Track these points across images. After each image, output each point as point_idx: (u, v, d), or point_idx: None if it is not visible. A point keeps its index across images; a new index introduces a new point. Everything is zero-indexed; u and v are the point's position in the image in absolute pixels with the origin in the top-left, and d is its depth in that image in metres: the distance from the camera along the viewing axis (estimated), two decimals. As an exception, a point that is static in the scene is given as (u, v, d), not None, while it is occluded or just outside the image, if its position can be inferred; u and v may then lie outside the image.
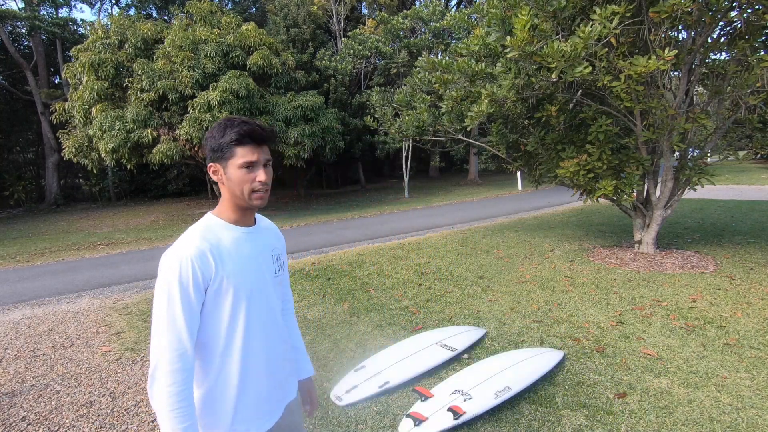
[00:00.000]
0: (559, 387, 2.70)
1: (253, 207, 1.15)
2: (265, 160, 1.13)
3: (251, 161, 1.09)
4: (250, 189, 1.11)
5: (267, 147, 1.14)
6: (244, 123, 1.10)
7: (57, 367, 3.51)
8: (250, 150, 1.09)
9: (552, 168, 5.46)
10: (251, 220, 1.22)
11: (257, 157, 1.10)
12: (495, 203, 13.10)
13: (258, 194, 1.12)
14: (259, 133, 1.10)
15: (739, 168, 17.57)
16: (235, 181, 1.11)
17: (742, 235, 6.44)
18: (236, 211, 1.17)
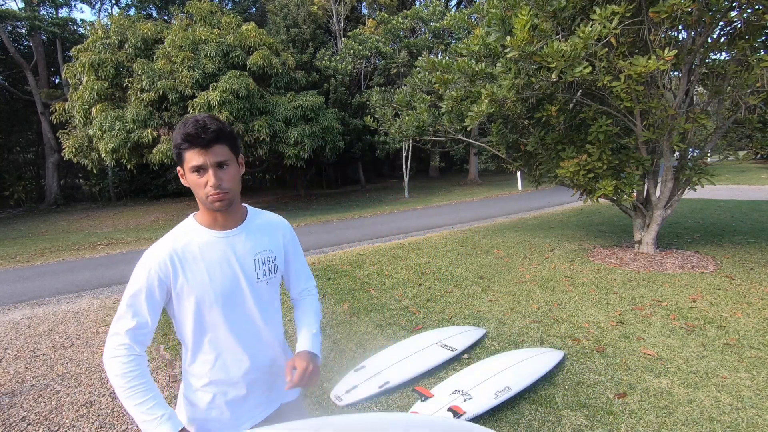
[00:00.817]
0: (559, 387, 2.70)
1: (217, 209, 1.10)
2: (215, 162, 1.05)
3: (197, 165, 1.04)
4: (204, 193, 1.07)
5: (219, 148, 1.05)
6: (190, 124, 1.03)
7: (57, 367, 3.51)
8: (197, 153, 1.04)
9: (552, 168, 5.46)
10: (230, 222, 1.17)
11: (203, 160, 1.04)
12: (495, 203, 13.10)
13: (213, 197, 1.06)
14: (196, 137, 1.02)
15: (739, 168, 17.57)
16: (192, 186, 1.09)
17: (742, 235, 6.44)
18: (208, 214, 1.16)
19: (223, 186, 1.06)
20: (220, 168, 1.06)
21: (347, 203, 16.21)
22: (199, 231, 1.16)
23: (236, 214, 1.19)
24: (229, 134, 1.08)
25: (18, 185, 19.99)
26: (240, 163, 1.15)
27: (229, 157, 1.08)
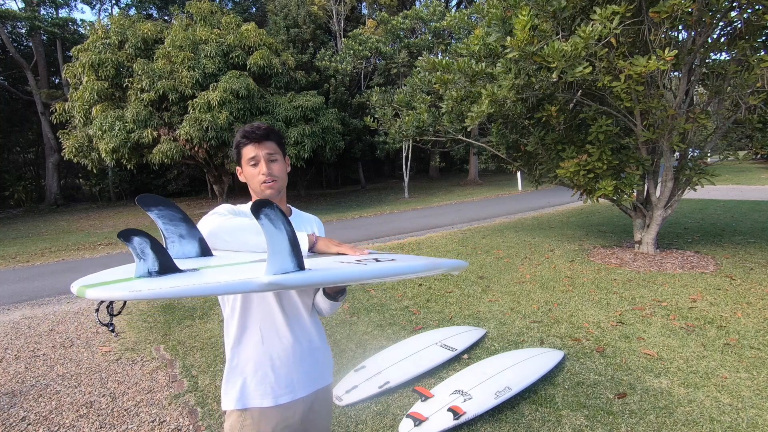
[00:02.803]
0: (559, 387, 2.70)
1: (267, 197, 1.24)
2: (266, 155, 1.25)
3: (252, 156, 1.25)
4: (258, 181, 1.25)
5: (269, 144, 1.26)
6: (247, 126, 1.27)
7: (57, 367, 3.51)
8: (252, 147, 1.25)
9: (552, 168, 5.47)
10: None
11: (257, 152, 1.24)
12: (495, 203, 13.10)
13: (266, 184, 1.25)
14: (251, 133, 1.24)
15: (739, 168, 17.57)
16: (248, 177, 1.28)
17: (742, 235, 6.44)
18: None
19: (273, 174, 1.25)
20: (271, 160, 1.26)
21: (347, 203, 16.21)
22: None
23: (285, 207, 1.33)
24: (277, 134, 1.30)
25: (18, 185, 20.00)
26: (287, 163, 1.33)
27: (278, 152, 1.28)
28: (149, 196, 1.04)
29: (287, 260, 0.80)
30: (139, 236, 0.82)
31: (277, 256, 0.79)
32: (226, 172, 13.68)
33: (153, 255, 0.82)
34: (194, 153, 12.13)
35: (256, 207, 0.77)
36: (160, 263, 0.83)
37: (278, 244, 0.80)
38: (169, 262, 0.85)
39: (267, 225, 0.79)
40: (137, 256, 0.83)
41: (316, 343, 1.33)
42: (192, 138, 11.24)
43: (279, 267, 0.79)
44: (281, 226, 0.80)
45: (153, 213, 1.03)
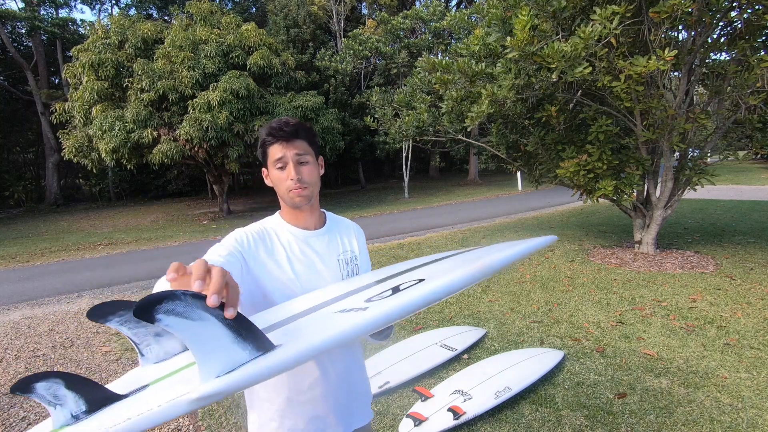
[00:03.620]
0: (559, 387, 2.70)
1: (297, 205, 1.11)
2: (295, 156, 1.08)
3: (279, 157, 1.07)
4: (286, 188, 1.09)
5: (299, 142, 1.09)
6: (274, 121, 1.09)
7: (57, 367, 3.51)
8: (278, 148, 1.08)
9: (552, 168, 5.47)
10: (312, 221, 1.16)
11: (284, 152, 1.07)
12: (495, 203, 13.11)
13: (295, 191, 1.08)
14: (278, 130, 1.07)
15: (739, 168, 17.58)
16: (275, 181, 1.11)
17: (742, 235, 6.44)
18: (290, 212, 1.15)
19: (303, 179, 1.08)
20: (300, 163, 1.09)
21: (347, 203, 16.21)
22: (285, 226, 1.15)
23: (317, 214, 1.18)
24: (308, 131, 1.12)
25: (18, 185, 20.00)
26: (320, 164, 1.16)
27: (309, 153, 1.10)
28: (101, 306, 0.77)
29: (234, 350, 0.58)
30: (45, 380, 0.61)
31: (213, 353, 0.57)
32: (226, 172, 13.68)
33: (72, 394, 0.62)
34: (194, 153, 12.13)
35: (142, 311, 0.52)
36: (85, 399, 0.63)
37: (207, 339, 0.57)
38: (97, 393, 0.64)
39: (175, 324, 0.55)
40: (49, 405, 0.63)
41: (355, 373, 1.18)
42: (192, 138, 11.24)
43: (223, 363, 0.57)
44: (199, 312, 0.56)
45: (113, 323, 0.79)
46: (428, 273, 0.77)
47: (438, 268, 0.80)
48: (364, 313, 0.64)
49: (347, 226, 1.27)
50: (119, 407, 0.63)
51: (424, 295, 0.63)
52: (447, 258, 0.92)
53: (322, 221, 1.21)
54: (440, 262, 0.89)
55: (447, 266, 0.79)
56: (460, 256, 0.88)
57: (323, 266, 1.13)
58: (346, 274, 1.16)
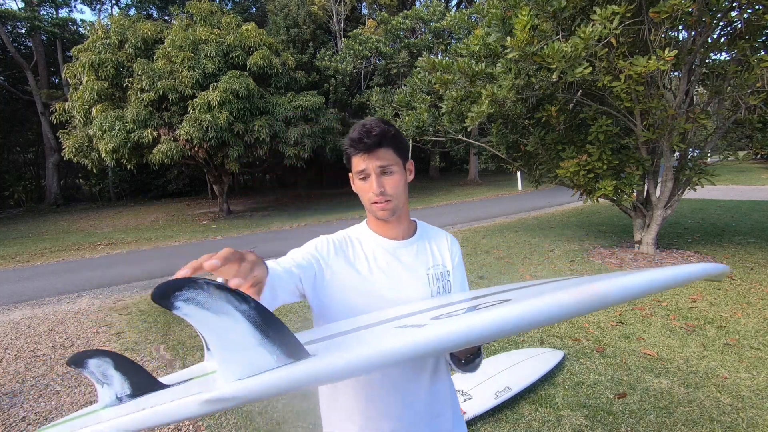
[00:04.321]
0: (559, 387, 2.70)
1: (380, 218, 1.03)
2: (377, 168, 0.98)
3: (360, 170, 1.00)
4: (368, 199, 1.02)
5: (383, 152, 0.98)
6: (357, 128, 0.99)
7: (57, 367, 3.51)
8: (360, 158, 0.99)
9: (552, 168, 5.47)
10: (400, 231, 1.08)
11: (365, 165, 0.99)
12: (495, 203, 13.11)
13: (377, 205, 1.00)
14: (359, 141, 0.97)
15: (739, 168, 17.58)
16: (358, 192, 1.05)
17: (742, 235, 6.44)
18: (376, 221, 1.08)
19: (385, 192, 0.99)
20: (384, 174, 1.00)
21: (347, 203, 16.22)
22: (370, 235, 1.08)
23: (405, 224, 1.09)
24: (394, 138, 1.00)
25: (18, 185, 20.00)
26: (408, 170, 1.07)
27: (394, 163, 1.00)
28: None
29: (259, 354, 0.52)
30: (97, 357, 0.63)
31: (236, 353, 0.52)
32: (226, 172, 13.68)
33: (119, 375, 0.64)
34: (194, 153, 12.13)
35: (160, 295, 0.48)
36: (131, 383, 0.64)
37: (230, 336, 0.52)
38: (144, 379, 0.64)
39: (195, 314, 0.50)
40: (98, 383, 0.65)
41: (442, 411, 1.04)
42: (192, 138, 11.24)
43: (246, 366, 0.52)
44: (223, 305, 0.50)
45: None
46: (523, 294, 0.65)
47: (544, 289, 0.66)
48: (418, 331, 0.54)
49: (440, 237, 1.15)
50: (158, 396, 0.61)
51: (500, 319, 0.51)
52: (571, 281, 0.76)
53: (411, 231, 1.11)
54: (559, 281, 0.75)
55: (540, 290, 0.65)
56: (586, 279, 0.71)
57: (409, 279, 1.04)
58: (436, 290, 1.05)
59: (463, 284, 1.13)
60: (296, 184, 20.79)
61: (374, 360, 0.52)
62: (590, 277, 0.74)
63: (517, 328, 0.52)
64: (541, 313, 0.51)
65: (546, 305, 0.51)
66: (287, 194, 20.74)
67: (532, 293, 0.64)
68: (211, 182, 15.48)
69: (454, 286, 1.09)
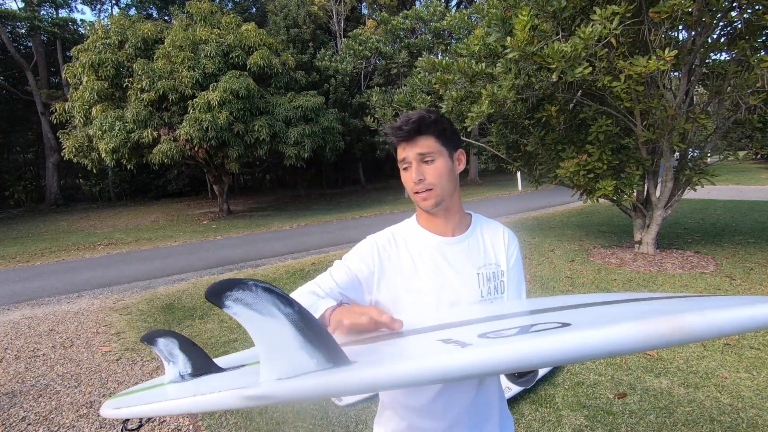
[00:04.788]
0: (559, 387, 2.70)
1: (424, 209, 1.00)
2: (417, 156, 0.95)
3: (401, 159, 0.98)
4: (411, 190, 0.99)
5: (423, 140, 0.95)
6: (399, 119, 0.97)
7: (57, 367, 3.51)
8: (402, 147, 0.97)
9: (552, 168, 5.47)
10: (450, 226, 1.03)
11: (406, 154, 0.96)
12: (495, 203, 13.11)
13: (419, 195, 0.97)
14: (397, 130, 0.95)
15: (739, 168, 17.58)
16: (403, 182, 1.01)
17: (742, 235, 6.44)
18: (425, 216, 1.04)
19: (425, 180, 0.95)
20: (425, 162, 0.96)
21: (347, 203, 16.22)
22: (418, 231, 1.04)
23: (456, 218, 1.03)
24: (435, 125, 0.96)
25: (18, 185, 19.99)
26: (457, 159, 1.01)
27: (436, 150, 0.96)
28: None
29: (300, 356, 0.55)
30: (165, 337, 0.73)
31: (279, 354, 0.55)
32: (226, 172, 13.69)
33: (183, 356, 0.73)
34: (194, 153, 12.13)
35: (213, 293, 0.53)
36: (192, 364, 0.73)
37: (274, 337, 0.55)
38: (204, 361, 0.73)
39: (243, 314, 0.54)
40: (166, 360, 0.75)
41: (489, 415, 1.01)
42: (192, 138, 11.24)
43: (286, 367, 0.55)
44: (269, 307, 0.54)
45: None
46: (586, 317, 0.61)
47: (612, 312, 0.61)
48: (462, 351, 0.52)
49: (496, 232, 1.07)
50: (213, 379, 0.67)
51: (553, 350, 0.48)
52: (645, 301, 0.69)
53: (464, 225, 1.05)
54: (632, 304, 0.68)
55: (608, 316, 0.60)
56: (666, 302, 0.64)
57: (457, 279, 0.99)
58: (486, 291, 1.00)
59: (520, 286, 1.06)
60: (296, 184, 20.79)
61: (413, 377, 0.52)
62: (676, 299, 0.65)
63: (573, 360, 0.49)
64: (602, 347, 0.46)
65: (608, 339, 0.46)
66: (287, 194, 20.75)
67: (596, 317, 0.59)
68: (211, 182, 15.48)
69: (509, 287, 1.03)
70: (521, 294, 1.06)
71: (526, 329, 0.59)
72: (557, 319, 0.61)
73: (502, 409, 1.07)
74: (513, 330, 0.60)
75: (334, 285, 0.99)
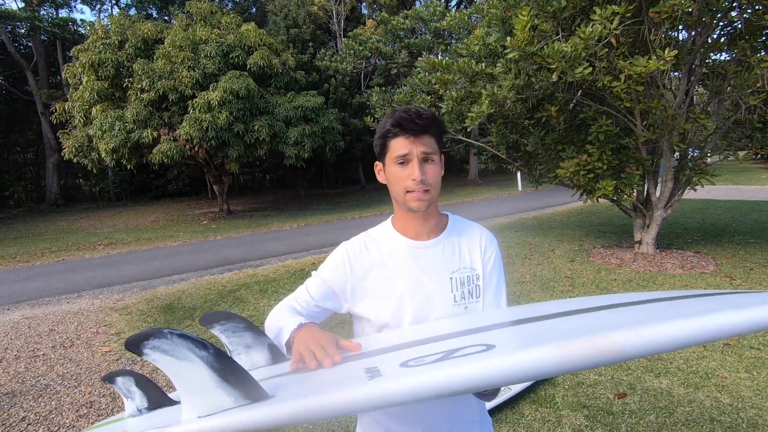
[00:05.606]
0: (559, 387, 2.70)
1: (413, 210, 0.96)
2: (421, 154, 0.92)
3: (403, 154, 0.92)
4: (404, 188, 0.94)
5: (428, 139, 0.93)
6: (401, 110, 0.94)
7: (57, 367, 3.51)
8: (403, 142, 0.92)
9: (552, 168, 5.47)
10: (425, 230, 1.00)
11: (410, 149, 0.92)
12: (495, 203, 13.11)
13: (413, 195, 0.93)
14: (409, 122, 0.91)
15: (739, 168, 17.58)
16: (391, 179, 0.97)
17: (742, 235, 6.44)
18: (402, 217, 1.02)
19: (426, 181, 0.93)
20: (426, 161, 0.94)
21: (347, 203, 16.22)
22: (392, 235, 1.02)
23: (433, 221, 1.01)
24: (440, 127, 0.96)
25: (18, 185, 20.00)
26: (442, 162, 1.01)
27: (435, 152, 0.95)
28: (211, 314, 0.91)
29: (218, 394, 0.58)
30: (123, 376, 0.81)
31: (197, 393, 0.58)
32: (226, 172, 13.69)
33: (139, 392, 0.80)
34: (194, 153, 12.13)
35: (132, 344, 0.58)
36: (148, 398, 0.80)
37: (192, 379, 0.58)
38: (158, 396, 0.81)
39: (161, 360, 0.58)
40: (124, 396, 0.82)
41: (469, 419, 1.01)
42: (192, 138, 11.24)
43: (206, 405, 0.58)
44: (185, 352, 0.58)
45: (216, 330, 0.90)
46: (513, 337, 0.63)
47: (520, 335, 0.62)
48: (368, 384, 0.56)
49: (473, 235, 1.06)
50: (167, 412, 0.73)
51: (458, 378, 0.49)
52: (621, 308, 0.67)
53: (440, 229, 1.03)
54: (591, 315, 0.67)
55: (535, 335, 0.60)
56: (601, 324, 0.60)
57: (430, 284, 0.97)
58: (460, 296, 0.98)
59: (499, 291, 1.03)
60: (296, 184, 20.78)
61: (318, 411, 0.55)
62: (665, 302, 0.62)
63: (482, 386, 0.50)
64: (513, 374, 0.48)
65: (527, 363, 0.47)
66: (287, 194, 20.75)
67: (528, 336, 0.60)
68: (211, 182, 15.48)
69: (486, 292, 1.00)
70: (500, 298, 1.03)
71: (449, 354, 0.60)
72: (485, 341, 0.62)
73: (482, 413, 1.06)
74: (437, 356, 0.60)
75: (309, 299, 1.02)
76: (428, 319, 0.96)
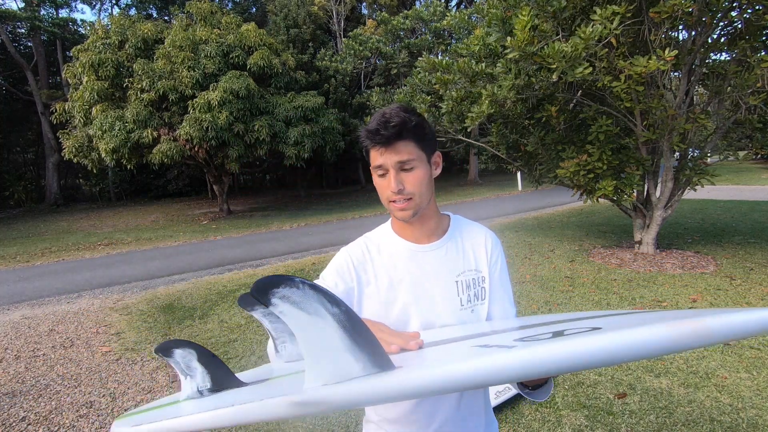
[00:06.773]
0: (559, 387, 2.70)
1: (400, 219, 0.93)
2: (396, 164, 0.87)
3: (378, 165, 0.89)
4: (386, 198, 0.91)
5: (402, 145, 0.87)
6: (375, 118, 0.88)
7: (57, 367, 3.51)
8: (377, 152, 0.88)
9: (552, 168, 5.46)
10: (425, 233, 0.97)
11: (383, 160, 0.87)
12: (495, 203, 13.11)
13: (396, 205, 0.89)
14: (375, 134, 0.86)
15: (739, 168, 17.57)
16: (377, 188, 0.93)
17: (742, 235, 6.44)
18: (398, 222, 0.99)
19: (404, 191, 0.88)
20: (404, 170, 0.88)
21: (347, 203, 16.22)
22: (392, 239, 0.99)
23: (431, 223, 0.97)
24: (415, 129, 0.88)
25: (18, 185, 20.00)
26: (435, 163, 0.95)
27: (416, 157, 0.89)
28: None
29: (346, 359, 0.52)
30: (182, 348, 0.67)
31: (324, 357, 0.53)
32: (226, 172, 13.69)
33: (202, 369, 0.68)
34: (194, 153, 12.13)
35: (259, 290, 0.50)
36: (212, 378, 0.68)
37: (320, 338, 0.52)
38: (225, 375, 0.69)
39: (289, 312, 0.51)
40: (182, 373, 0.69)
41: (473, 418, 1.00)
42: (192, 138, 11.24)
43: (332, 372, 0.52)
44: (316, 306, 0.51)
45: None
46: (606, 323, 0.60)
47: (621, 321, 0.61)
48: (510, 351, 0.50)
49: (477, 236, 1.01)
50: (237, 393, 0.63)
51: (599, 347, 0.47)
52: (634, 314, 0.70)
53: (441, 230, 0.99)
54: (623, 316, 0.67)
55: (634, 320, 0.59)
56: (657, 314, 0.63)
57: (434, 288, 0.94)
58: (467, 299, 0.95)
59: (504, 293, 1.00)
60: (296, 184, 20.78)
61: (463, 379, 0.50)
62: (691, 311, 0.66)
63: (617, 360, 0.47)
64: (634, 348, 0.46)
65: (641, 338, 0.46)
66: (287, 194, 20.75)
67: (623, 323, 0.58)
68: (211, 182, 15.48)
69: (491, 294, 0.97)
70: (505, 301, 1.00)
71: (560, 333, 0.58)
72: (584, 326, 0.61)
73: (488, 415, 1.04)
74: (546, 335, 0.58)
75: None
76: (434, 325, 0.93)
